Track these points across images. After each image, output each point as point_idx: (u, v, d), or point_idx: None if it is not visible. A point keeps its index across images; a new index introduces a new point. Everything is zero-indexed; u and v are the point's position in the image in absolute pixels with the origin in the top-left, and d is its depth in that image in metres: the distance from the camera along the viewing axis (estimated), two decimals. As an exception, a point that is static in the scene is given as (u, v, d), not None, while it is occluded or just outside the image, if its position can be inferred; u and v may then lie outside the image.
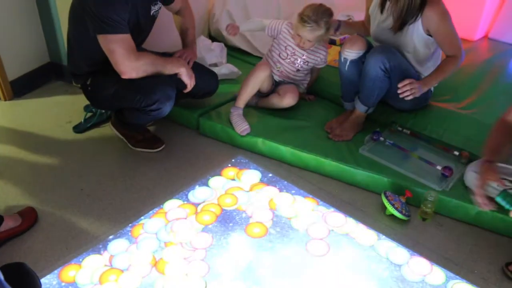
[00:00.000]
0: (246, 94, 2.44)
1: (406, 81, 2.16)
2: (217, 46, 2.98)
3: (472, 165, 2.10)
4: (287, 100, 2.49)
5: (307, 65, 2.52)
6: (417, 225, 2.05)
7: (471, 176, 2.03)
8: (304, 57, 2.49)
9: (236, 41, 3.15)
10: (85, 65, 2.25)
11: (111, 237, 1.90)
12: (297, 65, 2.50)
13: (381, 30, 2.35)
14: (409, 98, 2.18)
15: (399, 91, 2.17)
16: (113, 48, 2.01)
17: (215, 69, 2.69)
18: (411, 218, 2.06)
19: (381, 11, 2.32)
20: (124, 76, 2.07)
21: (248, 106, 2.50)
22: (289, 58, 2.48)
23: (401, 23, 2.22)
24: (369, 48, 2.35)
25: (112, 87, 2.19)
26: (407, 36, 2.27)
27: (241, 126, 2.40)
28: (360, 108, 2.41)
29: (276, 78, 2.56)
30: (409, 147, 2.31)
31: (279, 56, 2.50)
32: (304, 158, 2.32)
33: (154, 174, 2.28)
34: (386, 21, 2.31)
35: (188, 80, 2.22)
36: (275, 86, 2.58)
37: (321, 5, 2.39)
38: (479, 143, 2.29)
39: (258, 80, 2.43)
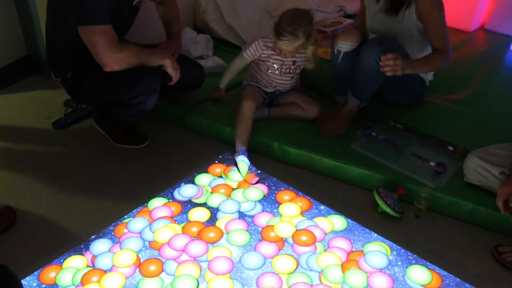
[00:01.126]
0: (244, 135, 2.26)
1: (390, 55, 2.08)
2: (203, 38, 2.92)
3: (475, 152, 2.03)
4: (314, 112, 2.39)
5: (299, 68, 2.40)
6: (410, 222, 2.02)
7: (474, 163, 1.99)
8: (292, 65, 2.36)
9: (223, 33, 3.10)
10: (65, 58, 2.20)
11: (93, 237, 1.86)
12: (290, 72, 2.38)
13: (378, 20, 2.32)
14: (389, 74, 2.10)
15: (381, 63, 2.10)
16: (95, 40, 1.97)
17: (201, 62, 2.64)
18: (404, 215, 2.03)
19: (377, 1, 2.29)
20: (107, 69, 2.02)
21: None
22: (279, 70, 2.35)
23: (396, 5, 2.19)
24: (363, 41, 2.30)
25: (94, 80, 2.14)
26: (402, 23, 2.24)
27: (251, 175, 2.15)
28: (353, 102, 2.36)
29: (269, 90, 2.43)
30: (402, 143, 2.27)
31: (267, 73, 2.37)
32: (294, 154, 2.27)
33: (138, 172, 2.23)
34: (382, 10, 2.28)
35: (173, 72, 2.17)
36: (275, 97, 2.45)
37: (297, 11, 2.18)
38: (473, 138, 2.28)
39: (248, 118, 2.27)
